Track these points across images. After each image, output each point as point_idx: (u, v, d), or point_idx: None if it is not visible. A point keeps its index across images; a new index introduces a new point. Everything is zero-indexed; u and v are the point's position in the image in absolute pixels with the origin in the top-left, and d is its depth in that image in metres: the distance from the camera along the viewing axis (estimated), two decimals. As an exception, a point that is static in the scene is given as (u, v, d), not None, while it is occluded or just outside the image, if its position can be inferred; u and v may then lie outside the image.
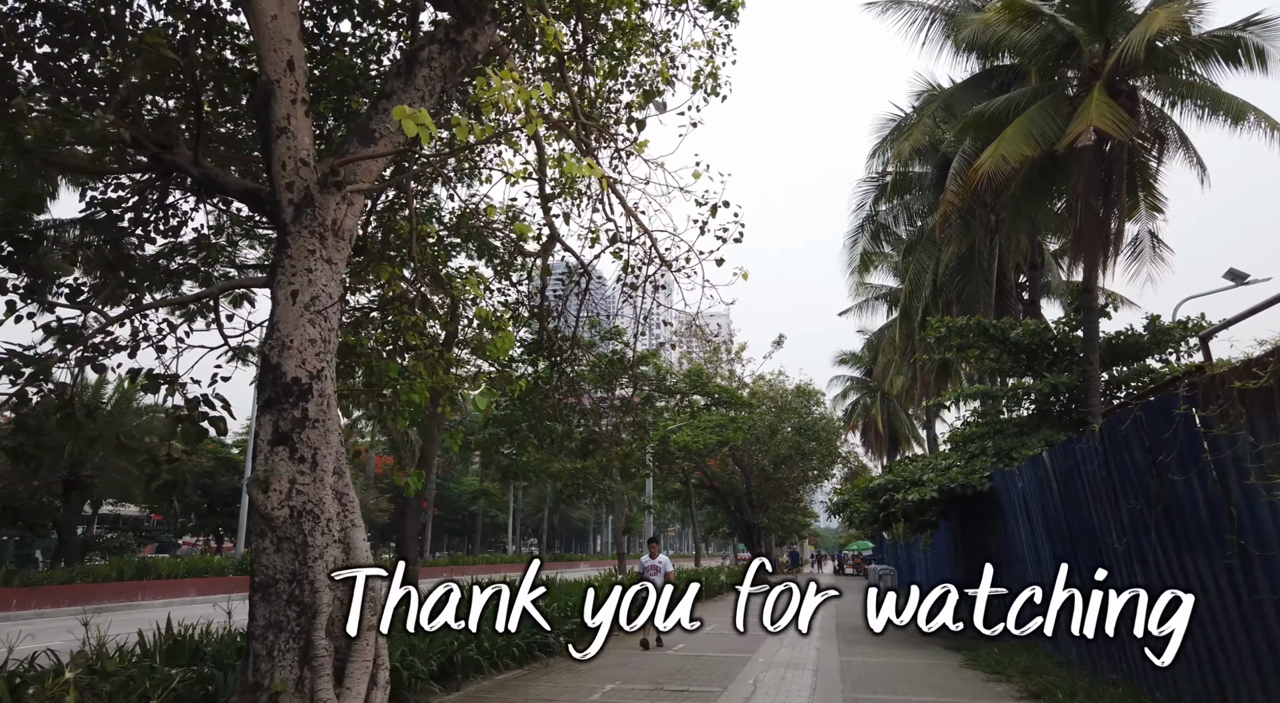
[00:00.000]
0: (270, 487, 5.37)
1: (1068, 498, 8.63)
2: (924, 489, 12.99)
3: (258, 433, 5.52)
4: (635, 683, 9.49)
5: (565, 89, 9.87)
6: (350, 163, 6.13)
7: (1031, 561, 10.79)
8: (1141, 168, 13.18)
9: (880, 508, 14.57)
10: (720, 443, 33.88)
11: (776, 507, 41.81)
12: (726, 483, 40.12)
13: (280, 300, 5.71)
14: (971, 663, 11.20)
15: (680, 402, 24.58)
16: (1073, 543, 8.75)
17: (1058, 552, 9.37)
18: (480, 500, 44.26)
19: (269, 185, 6.01)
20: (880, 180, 22.33)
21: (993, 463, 13.15)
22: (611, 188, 10.12)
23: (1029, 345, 14.54)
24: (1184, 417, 5.53)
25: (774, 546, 56.32)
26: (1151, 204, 13.70)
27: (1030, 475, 10.17)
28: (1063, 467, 8.65)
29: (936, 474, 13.63)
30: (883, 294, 35.13)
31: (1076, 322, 13.91)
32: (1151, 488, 6.26)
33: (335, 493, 5.62)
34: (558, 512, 70.89)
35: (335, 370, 6.09)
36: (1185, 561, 6.01)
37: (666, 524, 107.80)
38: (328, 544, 5.42)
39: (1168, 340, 13.75)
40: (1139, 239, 13.76)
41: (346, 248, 6.20)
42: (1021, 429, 13.91)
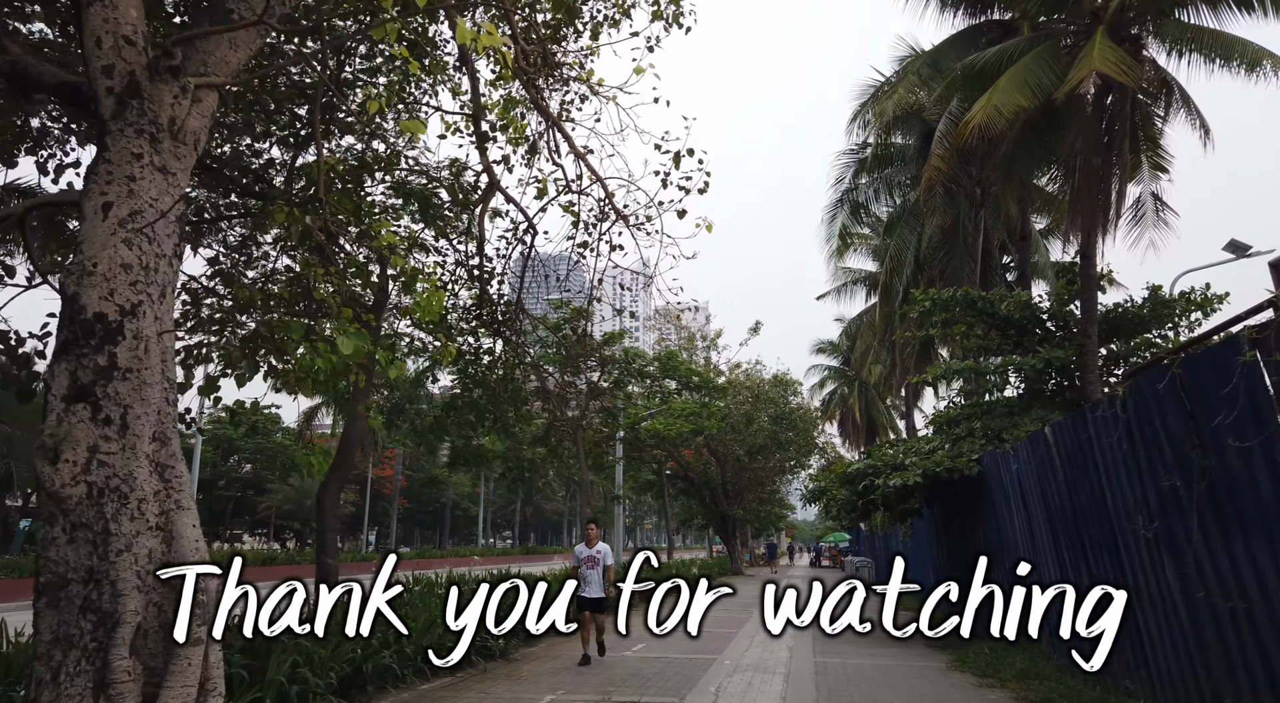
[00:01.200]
0: (62, 457, 4.05)
1: (1075, 478, 7.51)
2: (906, 474, 11.87)
3: (48, 385, 4.19)
4: (579, 693, 8.25)
5: (509, 22, 8.57)
6: (192, 41, 4.79)
7: (1027, 551, 9.70)
8: (1145, 122, 12.10)
9: (859, 495, 13.44)
10: (694, 432, 32.78)
11: (752, 498, 40.72)
12: (701, 474, 38.95)
13: (89, 214, 4.37)
14: (959, 665, 10.11)
15: (651, 386, 23.34)
16: (1079, 530, 7.64)
17: (1060, 540, 8.26)
18: (436, 489, 42.20)
19: (85, 73, 4.67)
20: (860, 152, 21.17)
21: (981, 445, 12.06)
22: (557, 126, 8.83)
23: (1019, 320, 13.46)
24: (1248, 368, 4.38)
25: (750, 537, 55.37)
26: (1155, 163, 12.64)
27: (1028, 455, 9.06)
28: (1071, 442, 7.51)
29: (919, 458, 12.52)
30: (861, 278, 34.14)
31: (1070, 293, 12.84)
32: (1192, 461, 5.12)
33: (155, 466, 4.30)
34: (530, 504, 69.45)
35: (177, 313, 4.77)
36: (1236, 549, 4.88)
37: (642, 517, 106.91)
38: (138, 533, 4.10)
39: (1168, 314, 12.73)
40: (1141, 202, 12.71)
41: (190, 156, 4.86)
42: (1011, 410, 12.84)
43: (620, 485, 28.03)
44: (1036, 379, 13.11)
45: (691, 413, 29.72)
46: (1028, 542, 9.65)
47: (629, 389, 25.06)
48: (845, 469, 13.68)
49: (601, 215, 9.64)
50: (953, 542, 14.57)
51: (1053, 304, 12.99)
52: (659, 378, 22.72)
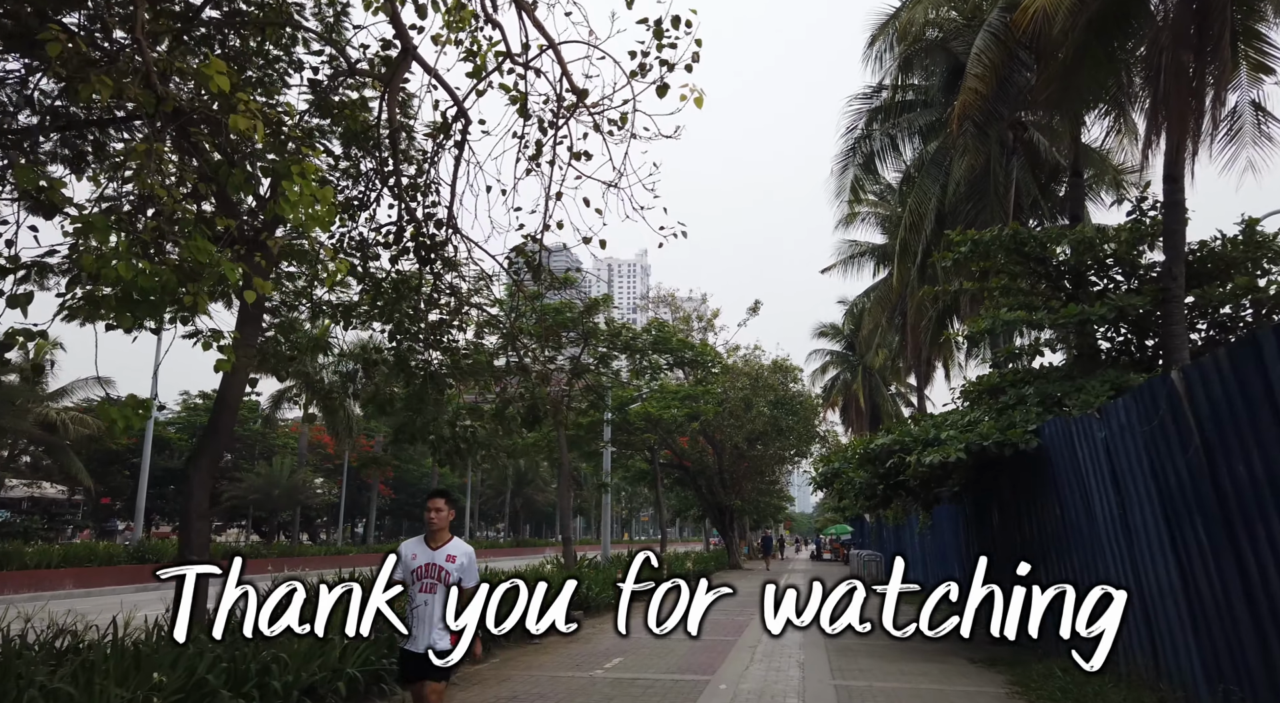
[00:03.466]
0: None
1: (1230, 445, 5.19)
2: (946, 449, 9.53)
3: None
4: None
5: None
6: None
7: (1114, 549, 7.39)
8: (1246, 9, 9.71)
9: (883, 477, 11.12)
10: (690, 417, 30.46)
11: (751, 488, 38.44)
12: (697, 462, 36.63)
13: None
14: (1021, 690, 7.81)
15: (639, 362, 20.99)
16: (1226, 523, 5.32)
17: (1183, 536, 5.94)
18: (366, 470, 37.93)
19: None
20: (873, 98, 18.73)
21: (1037, 415, 9.73)
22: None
23: (1074, 266, 11.13)
24: None
25: (748, 529, 53.08)
26: (1256, 63, 10.27)
27: (1128, 417, 6.70)
28: (1227, 391, 5.16)
29: (958, 432, 10.20)
30: (868, 251, 31.81)
31: (1145, 229, 10.48)
32: None
33: None
34: (520, 495, 67.08)
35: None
36: None
37: (638, 509, 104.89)
38: None
39: (1261, 255, 10.40)
40: (1238, 111, 10.36)
41: None
42: (1071, 374, 10.50)
43: (608, 473, 25.70)
44: (1098, 336, 10.79)
45: (686, 395, 27.40)
46: (1115, 537, 7.32)
47: (614, 366, 22.73)
48: (865, 446, 11.32)
49: (559, 106, 7.26)
50: (989, 535, 12.27)
51: (1121, 243, 10.59)
52: (648, 352, 20.36)
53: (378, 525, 70.47)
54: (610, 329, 19.98)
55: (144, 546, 26.82)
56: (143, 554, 25.92)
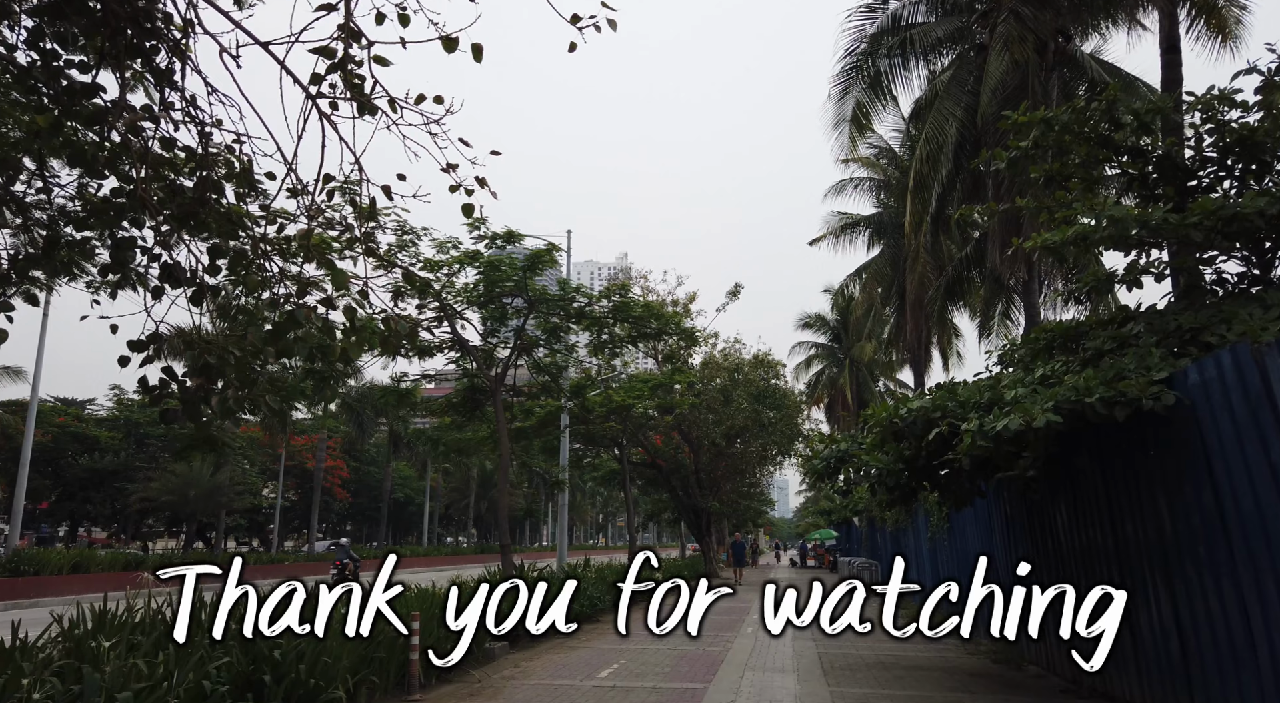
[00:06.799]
0: None
1: None
2: (1028, 410, 6.13)
3: None
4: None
5: None
6: None
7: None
8: None
9: (913, 459, 7.74)
10: (663, 409, 27.08)
11: (730, 488, 34.98)
12: (671, 460, 33.15)
13: None
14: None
15: (598, 336, 17.52)
16: None
17: None
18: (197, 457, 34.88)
19: None
20: (878, 9, 15.45)
21: (1160, 360, 6.35)
22: None
23: (1186, 162, 7.86)
24: None
25: (727, 534, 49.65)
26: None
27: None
28: None
29: (1028, 390, 6.84)
30: (860, 222, 28.64)
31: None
32: None
33: None
34: (485, 498, 63.08)
35: None
36: None
37: (614, 513, 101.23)
38: None
39: None
40: None
41: None
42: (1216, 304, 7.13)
43: (564, 466, 22.16)
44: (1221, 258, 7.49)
45: (658, 385, 24.00)
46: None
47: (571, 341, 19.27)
48: (890, 414, 7.85)
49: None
50: (1047, 540, 8.93)
51: (1260, 123, 7.30)
52: (607, 322, 16.92)
53: (336, 531, 66.31)
54: (564, 292, 16.52)
55: (19, 555, 22.81)
56: (17, 565, 21.96)
